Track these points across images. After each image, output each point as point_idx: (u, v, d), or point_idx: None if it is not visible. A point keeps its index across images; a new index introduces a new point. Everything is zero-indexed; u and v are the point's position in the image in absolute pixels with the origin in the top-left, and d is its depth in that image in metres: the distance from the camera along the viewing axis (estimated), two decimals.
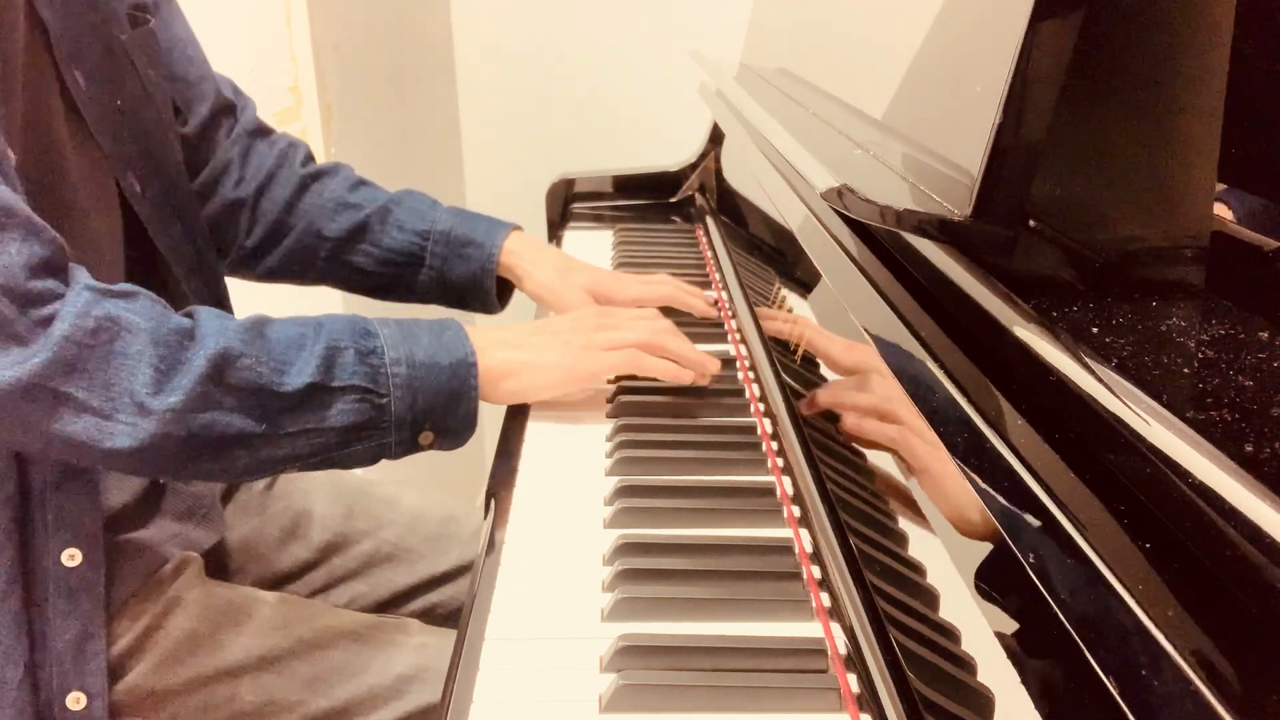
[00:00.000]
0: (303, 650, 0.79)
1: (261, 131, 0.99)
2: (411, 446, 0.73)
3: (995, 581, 0.43)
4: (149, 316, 0.65)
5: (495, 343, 0.77)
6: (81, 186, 0.74)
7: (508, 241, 1.00)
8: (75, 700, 0.70)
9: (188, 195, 0.88)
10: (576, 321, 0.83)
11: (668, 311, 0.92)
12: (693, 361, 0.83)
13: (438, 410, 0.72)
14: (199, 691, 0.76)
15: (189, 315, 0.69)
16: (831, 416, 0.69)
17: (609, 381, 0.88)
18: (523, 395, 0.80)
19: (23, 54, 0.69)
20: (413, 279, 1.00)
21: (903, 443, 0.55)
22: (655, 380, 0.85)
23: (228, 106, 0.97)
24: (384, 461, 0.75)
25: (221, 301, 0.92)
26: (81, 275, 0.65)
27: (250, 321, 0.70)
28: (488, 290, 1.00)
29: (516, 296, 1.05)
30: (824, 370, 0.73)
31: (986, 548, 0.43)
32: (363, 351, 0.70)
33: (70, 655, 0.70)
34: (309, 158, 1.02)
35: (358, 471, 0.78)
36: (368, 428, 0.70)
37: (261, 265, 1.01)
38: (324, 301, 1.13)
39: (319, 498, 0.97)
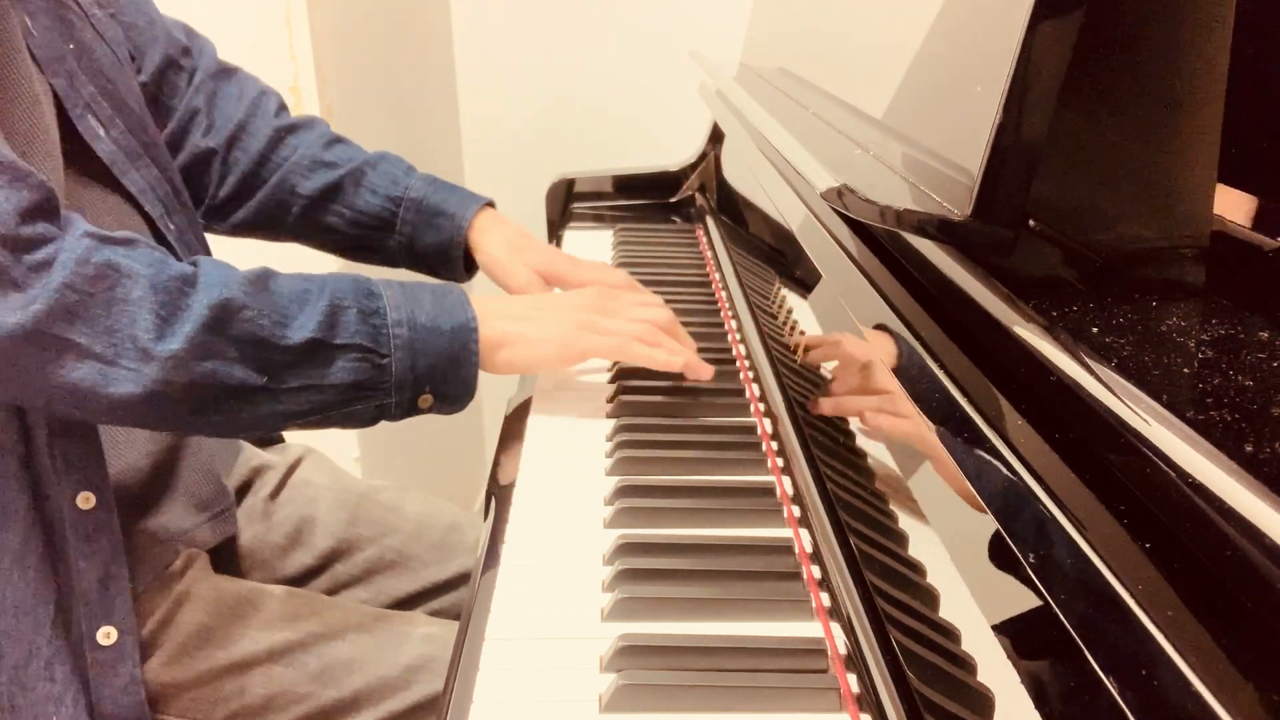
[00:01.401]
0: (311, 642, 0.79)
1: (225, 72, 0.98)
2: (411, 409, 0.74)
3: (996, 581, 0.43)
4: (149, 263, 0.65)
5: (496, 312, 0.78)
6: (37, 142, 0.73)
7: (478, 217, 1.00)
8: (106, 635, 0.72)
9: (154, 133, 0.87)
10: (581, 299, 0.84)
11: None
12: (683, 365, 0.83)
13: (438, 373, 0.73)
14: (208, 685, 0.77)
15: (193, 263, 0.69)
16: (833, 415, 0.69)
17: (609, 381, 0.88)
18: (517, 366, 0.80)
19: None
20: (382, 243, 1.00)
21: (895, 417, 0.55)
22: (654, 380, 0.85)
23: (183, 49, 0.96)
24: (388, 462, 0.75)
25: (200, 239, 0.91)
26: (78, 221, 0.65)
27: (254, 274, 0.70)
28: (455, 260, 1.00)
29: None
30: (824, 370, 0.73)
31: (986, 547, 0.43)
32: (365, 311, 0.71)
33: (95, 594, 0.71)
34: (282, 107, 1.01)
35: (362, 468, 0.78)
36: (368, 387, 0.71)
37: (232, 218, 1.00)
38: (303, 259, 1.12)
39: (323, 504, 0.97)
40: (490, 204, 1.02)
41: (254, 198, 0.98)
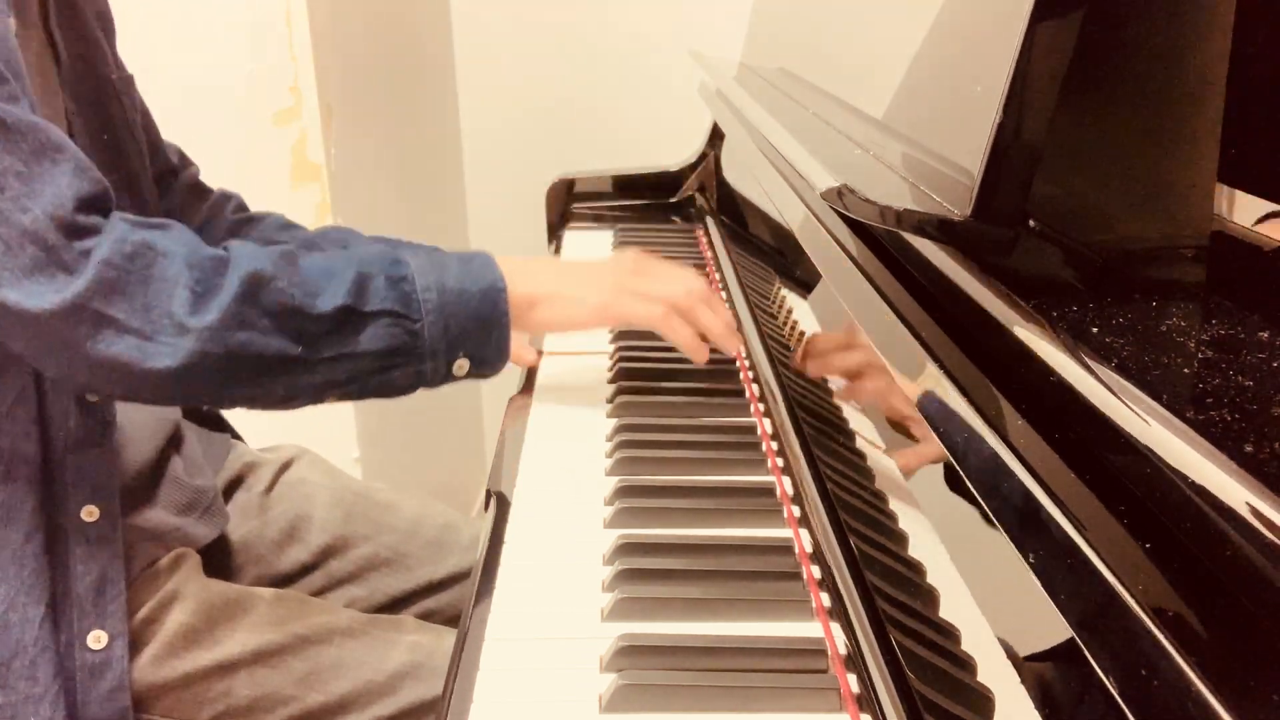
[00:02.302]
0: (298, 646, 0.80)
1: (198, 189, 1.03)
2: (447, 375, 0.75)
3: (995, 581, 0.43)
4: (183, 243, 0.69)
5: (523, 272, 0.79)
6: None
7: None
8: (96, 639, 0.73)
9: None
10: (612, 263, 0.85)
11: None
12: (717, 335, 0.84)
13: (471, 336, 0.74)
14: (194, 686, 0.77)
15: (224, 247, 0.72)
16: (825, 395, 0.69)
17: (608, 381, 0.89)
18: (552, 325, 0.81)
19: (35, 67, 0.74)
20: None
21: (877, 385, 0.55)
22: (655, 380, 0.85)
23: (172, 170, 1.01)
24: (388, 462, 0.75)
25: None
26: (120, 214, 0.69)
27: (282, 250, 0.72)
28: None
29: None
30: (825, 373, 0.73)
31: (987, 548, 0.43)
32: (393, 278, 0.73)
33: (90, 598, 0.73)
34: (240, 206, 1.05)
35: (362, 469, 0.78)
36: (402, 352, 0.72)
37: None
38: None
39: (319, 501, 0.97)
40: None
41: None
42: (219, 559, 0.91)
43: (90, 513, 0.73)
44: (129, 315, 0.66)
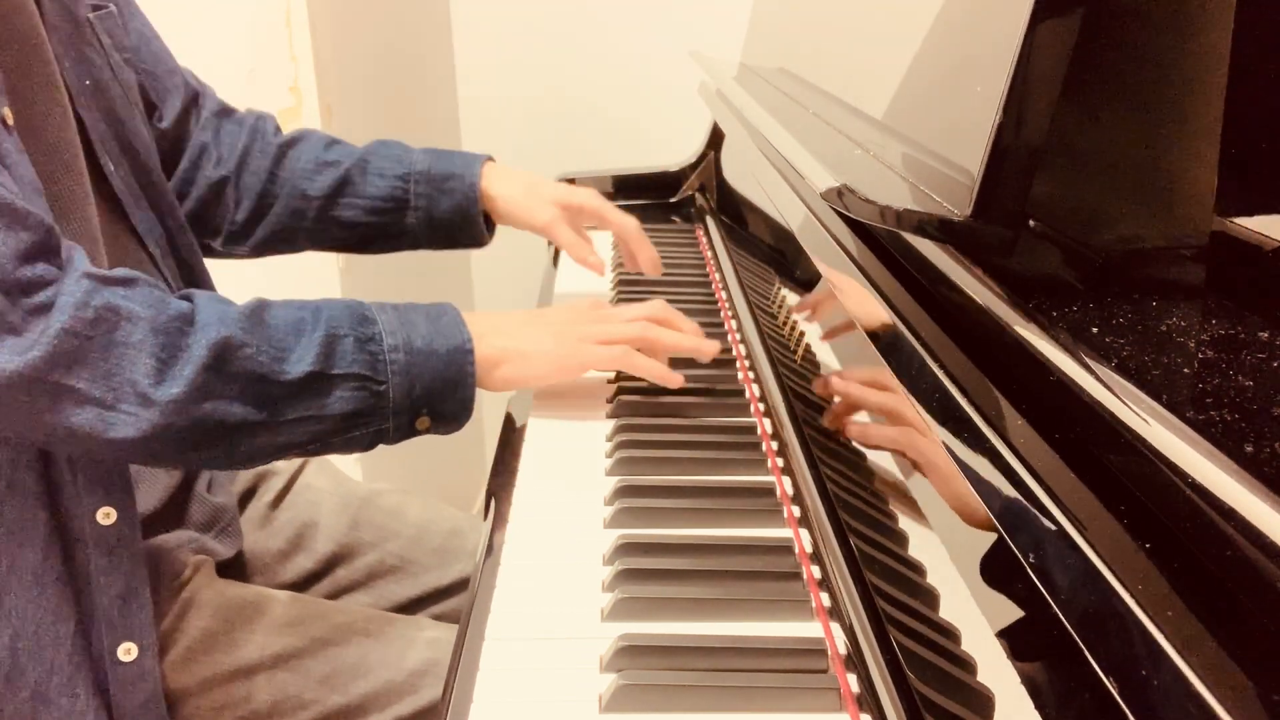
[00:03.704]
0: (317, 648, 0.79)
1: (226, 112, 1.02)
2: (409, 432, 0.74)
3: (995, 581, 0.43)
4: (148, 304, 0.65)
5: (491, 329, 0.78)
6: (66, 156, 0.74)
7: (485, 169, 1.02)
8: (126, 651, 0.72)
9: (158, 176, 0.88)
10: (571, 312, 0.84)
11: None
12: (689, 350, 0.84)
13: (435, 396, 0.73)
14: (215, 691, 0.77)
15: (187, 298, 0.69)
16: (835, 420, 0.69)
17: (609, 382, 0.88)
18: (516, 383, 0.80)
19: (14, 6, 0.70)
20: (401, 223, 1.02)
21: (905, 443, 0.55)
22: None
23: (195, 95, 0.99)
24: (388, 463, 0.75)
25: (199, 283, 0.92)
26: (79, 260, 0.65)
27: (249, 308, 0.70)
28: (474, 218, 1.02)
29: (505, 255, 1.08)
30: (824, 371, 0.73)
31: (986, 548, 0.43)
32: (361, 339, 0.71)
33: (116, 610, 0.71)
34: (278, 128, 1.04)
35: (362, 472, 0.78)
36: (366, 414, 0.71)
37: (253, 238, 1.02)
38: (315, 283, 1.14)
39: (325, 509, 0.97)
40: (490, 158, 1.04)
41: (270, 212, 1.00)
42: (227, 569, 0.91)
43: (107, 515, 0.70)
44: (90, 385, 0.63)
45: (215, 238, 1.01)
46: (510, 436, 0.82)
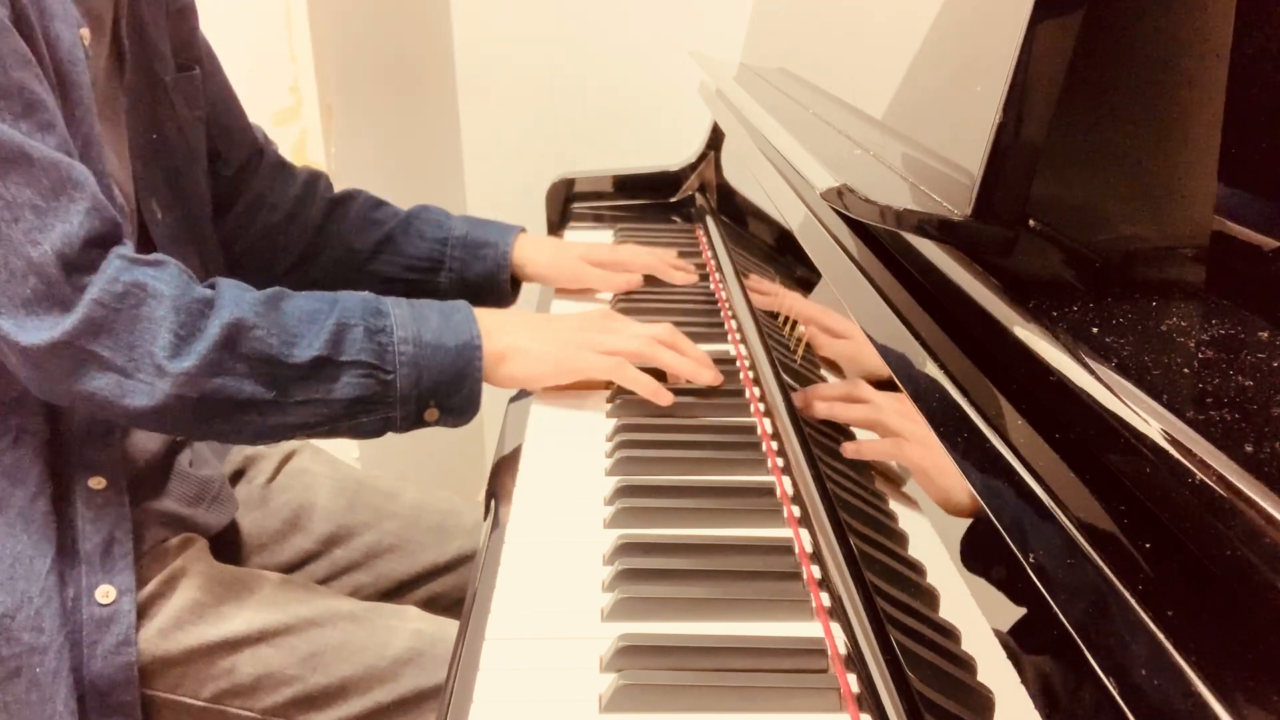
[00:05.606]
0: (302, 627, 0.81)
1: (283, 165, 1.09)
2: (417, 422, 0.77)
3: (995, 581, 0.43)
4: (174, 284, 0.71)
5: (502, 326, 0.81)
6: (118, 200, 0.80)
7: (517, 240, 1.09)
8: (104, 594, 0.75)
9: (207, 226, 0.95)
10: (583, 320, 0.87)
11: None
12: (688, 373, 0.85)
13: (442, 389, 0.77)
14: (198, 661, 0.78)
15: (212, 285, 0.74)
16: (835, 431, 0.69)
17: (607, 385, 0.88)
18: (518, 380, 0.83)
19: (104, 71, 0.78)
20: (434, 281, 1.08)
21: (905, 443, 0.55)
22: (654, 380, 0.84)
23: (259, 150, 1.06)
24: (388, 459, 0.77)
25: None
26: (121, 246, 0.71)
27: (268, 294, 0.74)
28: (503, 284, 1.09)
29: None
30: (824, 371, 0.73)
31: (987, 548, 0.43)
32: (372, 329, 0.75)
33: (98, 556, 0.75)
34: (329, 185, 1.10)
35: (360, 466, 0.80)
36: (373, 401, 0.75)
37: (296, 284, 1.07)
38: None
39: (321, 490, 0.99)
40: (523, 229, 1.12)
41: (314, 262, 1.07)
42: (223, 550, 0.92)
43: (98, 482, 0.75)
44: (113, 353, 0.68)
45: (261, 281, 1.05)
46: (511, 436, 0.82)
